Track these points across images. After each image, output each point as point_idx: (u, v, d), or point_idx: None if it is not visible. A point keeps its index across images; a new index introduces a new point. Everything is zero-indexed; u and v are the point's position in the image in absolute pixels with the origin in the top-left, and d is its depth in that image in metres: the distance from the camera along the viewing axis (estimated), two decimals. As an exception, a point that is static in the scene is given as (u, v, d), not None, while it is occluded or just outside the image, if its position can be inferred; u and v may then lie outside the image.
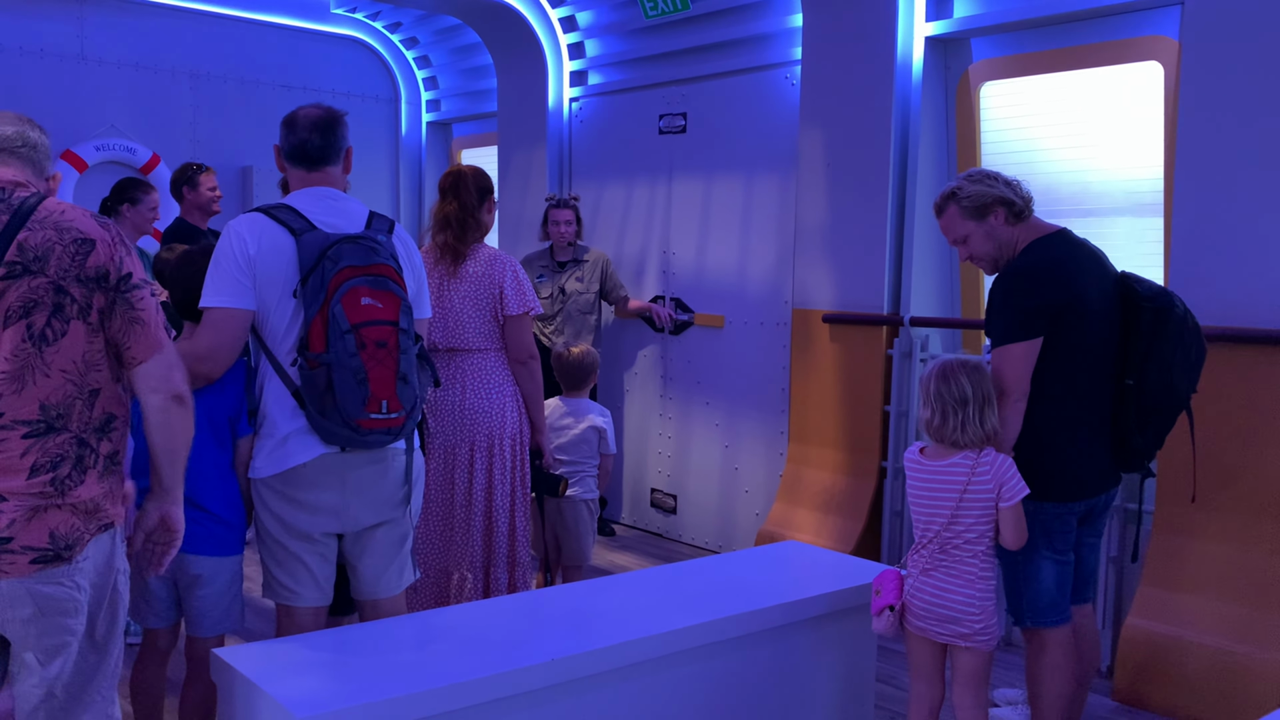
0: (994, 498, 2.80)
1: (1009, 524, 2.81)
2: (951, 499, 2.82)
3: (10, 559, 2.01)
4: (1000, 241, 3.01)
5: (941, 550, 2.85)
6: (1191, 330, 2.92)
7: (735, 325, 5.70)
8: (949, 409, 2.82)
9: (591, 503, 4.26)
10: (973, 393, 2.81)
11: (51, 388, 2.06)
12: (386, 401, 2.62)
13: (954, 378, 2.83)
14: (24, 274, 2.04)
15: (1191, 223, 3.81)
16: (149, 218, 5.08)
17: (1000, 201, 2.97)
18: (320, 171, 2.90)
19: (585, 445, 4.24)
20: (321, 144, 2.89)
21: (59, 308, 2.05)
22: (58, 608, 2.07)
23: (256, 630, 4.24)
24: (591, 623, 2.77)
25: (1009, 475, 2.80)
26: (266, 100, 7.64)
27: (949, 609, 2.83)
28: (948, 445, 2.85)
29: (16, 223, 2.05)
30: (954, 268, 4.95)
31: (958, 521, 2.82)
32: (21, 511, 2.03)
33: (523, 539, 3.83)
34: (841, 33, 4.92)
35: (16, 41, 6.70)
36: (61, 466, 2.07)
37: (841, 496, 4.98)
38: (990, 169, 3.08)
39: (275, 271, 2.70)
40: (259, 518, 2.85)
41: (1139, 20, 4.16)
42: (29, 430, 2.04)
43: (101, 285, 2.09)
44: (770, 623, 2.93)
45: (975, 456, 2.82)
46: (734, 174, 5.68)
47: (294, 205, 2.79)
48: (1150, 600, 3.81)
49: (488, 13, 6.51)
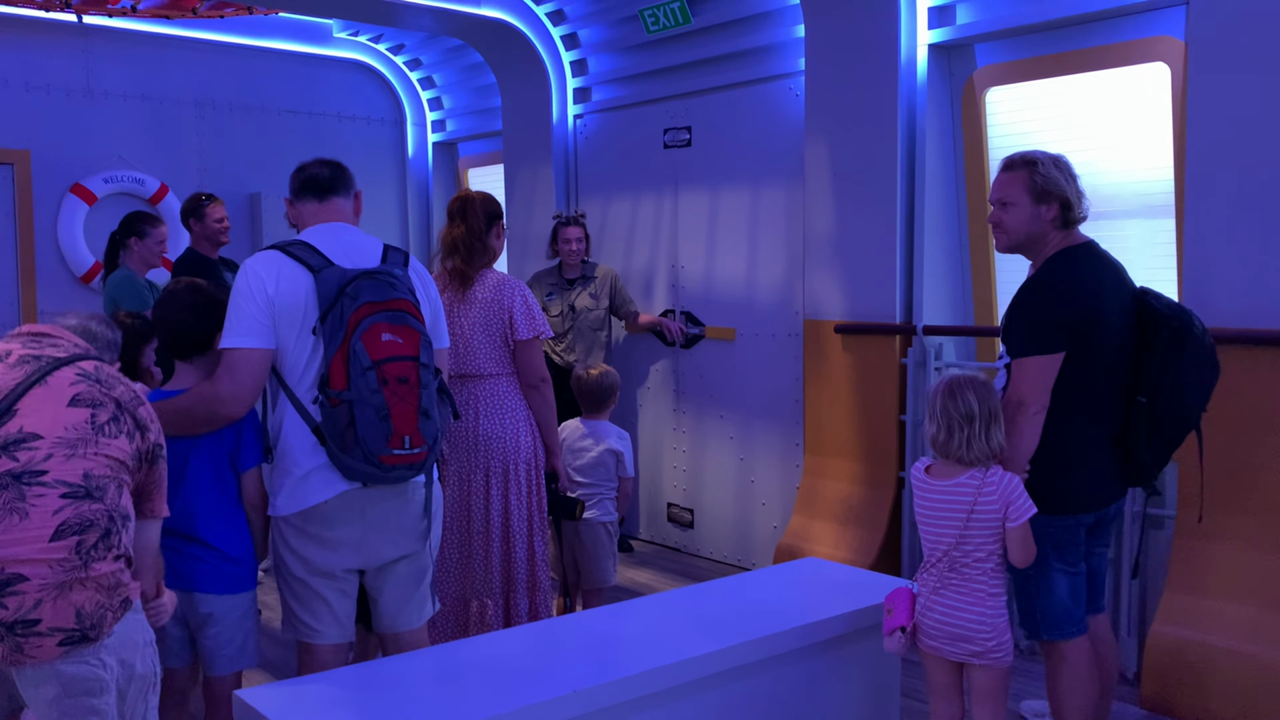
0: (1001, 517, 2.78)
1: (1016, 544, 2.79)
2: (959, 519, 2.80)
3: (38, 642, 2.01)
4: (1035, 233, 2.97)
5: (951, 569, 2.83)
6: (1208, 350, 2.90)
7: (747, 337, 5.69)
8: (955, 425, 2.80)
9: (610, 525, 4.24)
10: (979, 409, 2.79)
11: (97, 464, 2.16)
12: (409, 437, 2.62)
13: (960, 394, 2.81)
14: (94, 382, 2.23)
15: (1204, 224, 3.78)
16: (157, 251, 5.10)
17: (1064, 201, 2.93)
18: (330, 203, 2.90)
19: (602, 468, 4.23)
20: (330, 175, 2.92)
21: (116, 419, 2.22)
22: (83, 688, 2.07)
23: (276, 661, 4.24)
24: (614, 651, 2.76)
25: (1016, 495, 2.77)
26: (272, 127, 7.68)
27: (960, 627, 2.81)
28: (953, 461, 2.84)
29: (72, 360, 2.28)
30: (965, 275, 4.93)
31: (966, 541, 2.80)
32: (47, 589, 2.03)
33: (542, 564, 3.82)
34: (844, 42, 4.91)
35: (23, 77, 6.74)
36: (89, 533, 2.09)
37: (859, 507, 4.95)
38: (1073, 166, 3.03)
39: (294, 309, 2.70)
40: (279, 555, 2.84)
41: (1144, 22, 4.13)
42: (68, 490, 2.08)
43: (143, 432, 2.29)
44: (793, 644, 2.92)
45: (982, 475, 2.80)
46: (740, 186, 5.67)
47: (309, 241, 2.79)
48: (1175, 606, 3.78)
49: (490, 33, 6.52)
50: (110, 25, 6.91)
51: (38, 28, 6.75)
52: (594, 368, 4.46)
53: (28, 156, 6.73)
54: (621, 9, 6.06)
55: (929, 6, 4.74)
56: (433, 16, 6.28)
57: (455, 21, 6.41)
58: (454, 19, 6.34)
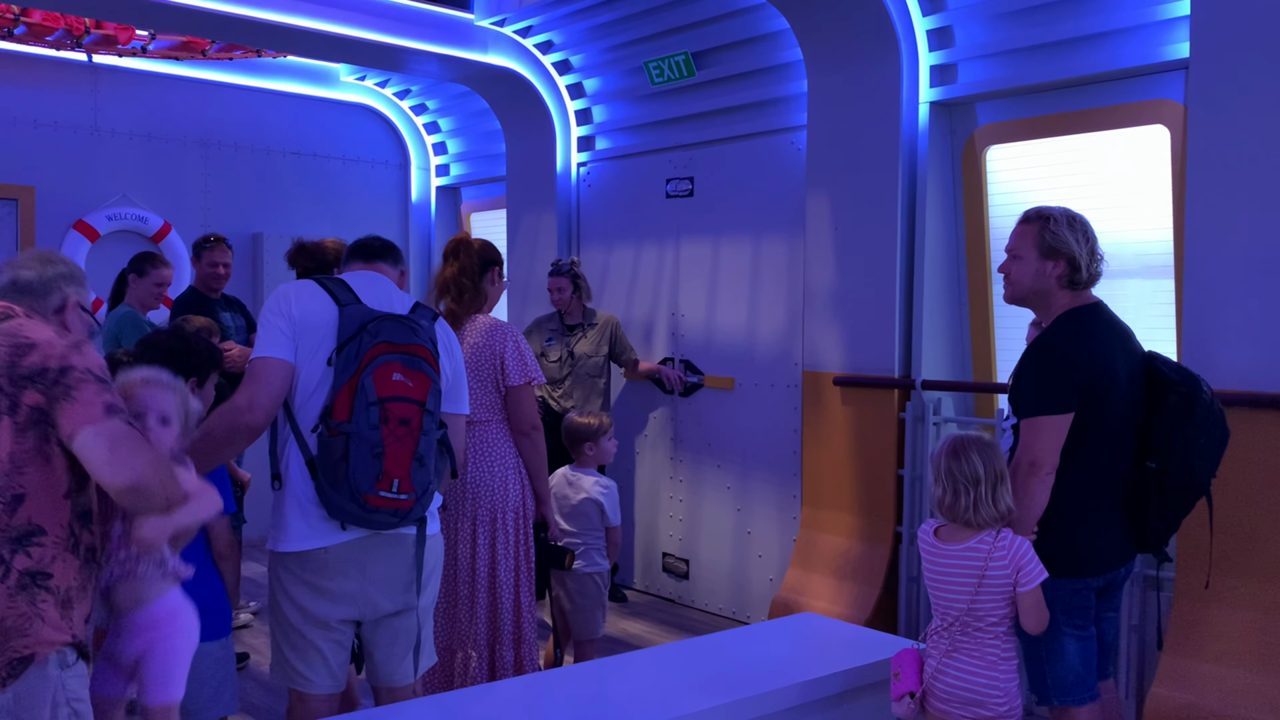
0: (1012, 582, 2.75)
1: (1029, 610, 2.75)
2: (970, 584, 2.77)
3: None
4: (1039, 289, 2.96)
5: (963, 633, 2.80)
6: (1216, 415, 2.88)
7: (745, 387, 5.69)
8: (961, 488, 2.77)
9: (600, 576, 4.19)
10: (985, 471, 2.76)
11: None
12: (399, 481, 2.59)
13: (965, 455, 2.78)
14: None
15: (1203, 284, 3.80)
16: (154, 292, 5.11)
17: (1070, 260, 2.92)
18: (374, 264, 3.00)
19: (584, 518, 4.18)
20: (382, 245, 3.05)
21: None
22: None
23: (264, 706, 4.18)
24: (608, 706, 2.73)
25: (1026, 560, 2.75)
26: (277, 168, 7.73)
27: (974, 692, 2.77)
28: (960, 524, 2.80)
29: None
30: (964, 330, 4.94)
31: (978, 606, 2.77)
32: None
33: (528, 615, 3.76)
34: (846, 98, 4.96)
35: (31, 115, 6.79)
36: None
37: (857, 562, 4.92)
38: (1093, 229, 3.01)
39: (313, 335, 2.72)
40: (275, 599, 2.81)
41: (1144, 84, 4.18)
42: None
43: (36, 381, 1.94)
44: (790, 701, 2.88)
45: (992, 540, 2.77)
46: (741, 237, 5.70)
47: (346, 280, 2.84)
48: (1173, 669, 3.74)
49: (496, 80, 6.59)
50: (119, 65, 6.98)
51: (48, 66, 6.82)
52: (590, 416, 4.42)
53: (32, 192, 6.76)
54: (627, 60, 6.14)
55: (931, 65, 4.79)
56: (439, 63, 6.35)
57: (462, 68, 6.48)
58: (461, 66, 6.41)
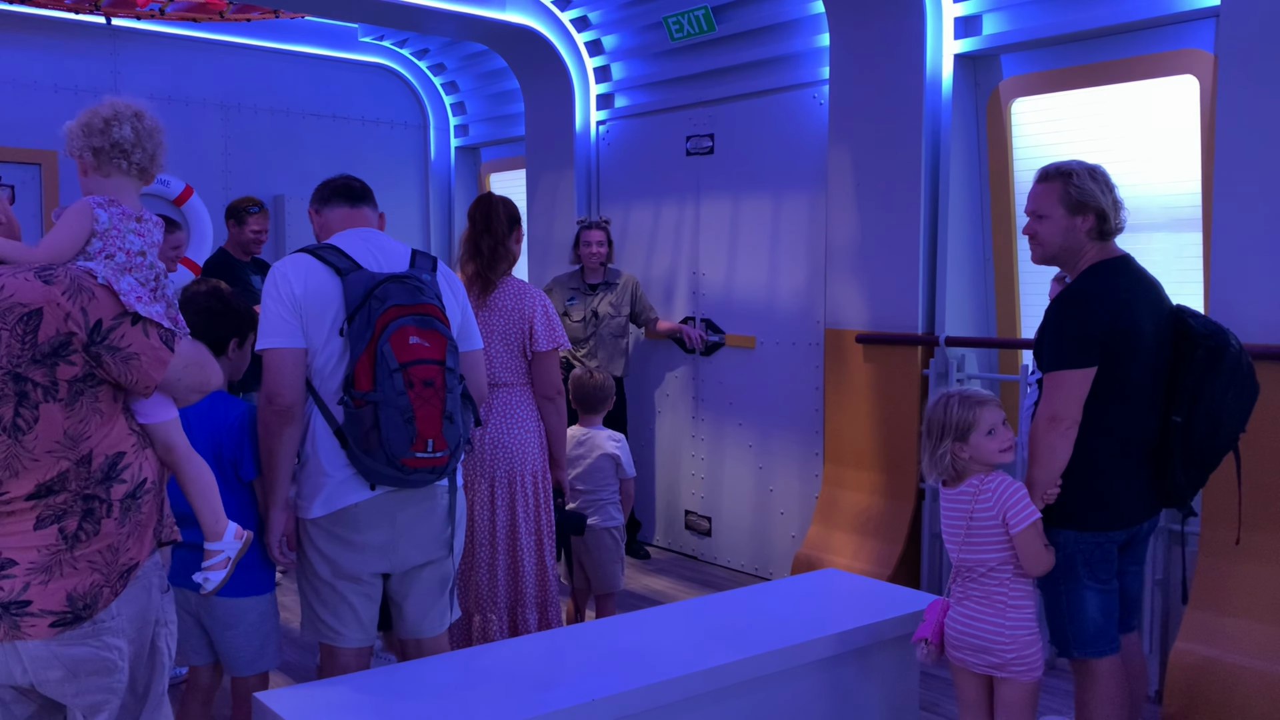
0: (1000, 524, 2.76)
1: (1025, 552, 2.76)
2: (959, 527, 2.81)
3: (31, 621, 1.97)
4: (1069, 246, 2.94)
5: (969, 579, 2.83)
6: (1245, 369, 2.85)
7: (767, 346, 5.68)
8: (929, 441, 2.84)
9: (616, 530, 4.23)
10: (943, 423, 2.81)
11: (43, 470, 1.97)
12: (432, 440, 2.62)
13: (942, 403, 2.85)
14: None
15: (1231, 238, 3.75)
16: (171, 255, 5.13)
17: (1099, 213, 2.90)
18: (360, 211, 2.97)
19: (600, 473, 4.21)
20: (362, 187, 3.02)
21: (24, 396, 1.94)
22: (89, 669, 2.02)
23: (295, 663, 4.25)
24: (634, 659, 2.76)
25: (1012, 500, 2.75)
26: (297, 129, 7.73)
27: (980, 638, 2.80)
28: (929, 478, 2.88)
29: None
30: (989, 286, 4.90)
31: (969, 549, 2.79)
32: (35, 574, 1.97)
33: (551, 579, 3.78)
34: (869, 51, 4.89)
35: (51, 79, 6.80)
36: (67, 520, 1.99)
37: (879, 519, 4.93)
38: (1111, 177, 2.99)
39: (321, 311, 2.73)
40: (305, 557, 2.85)
41: (1172, 34, 4.11)
42: (31, 493, 1.98)
43: (64, 355, 1.95)
44: (813, 656, 2.91)
45: (978, 483, 2.79)
46: (762, 194, 5.67)
47: (339, 245, 2.82)
48: (1198, 624, 3.74)
49: (514, 38, 6.54)
50: (138, 27, 6.97)
51: (67, 29, 6.82)
52: (596, 370, 4.44)
53: (55, 157, 6.79)
54: (646, 16, 6.07)
55: (955, 16, 4.72)
56: (457, 22, 6.30)
57: (480, 27, 6.43)
58: (478, 25, 6.36)
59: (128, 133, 2.16)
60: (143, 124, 2.18)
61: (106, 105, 2.18)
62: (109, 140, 2.15)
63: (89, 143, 2.16)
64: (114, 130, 2.15)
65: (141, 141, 2.18)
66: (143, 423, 2.15)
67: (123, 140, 2.15)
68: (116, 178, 2.18)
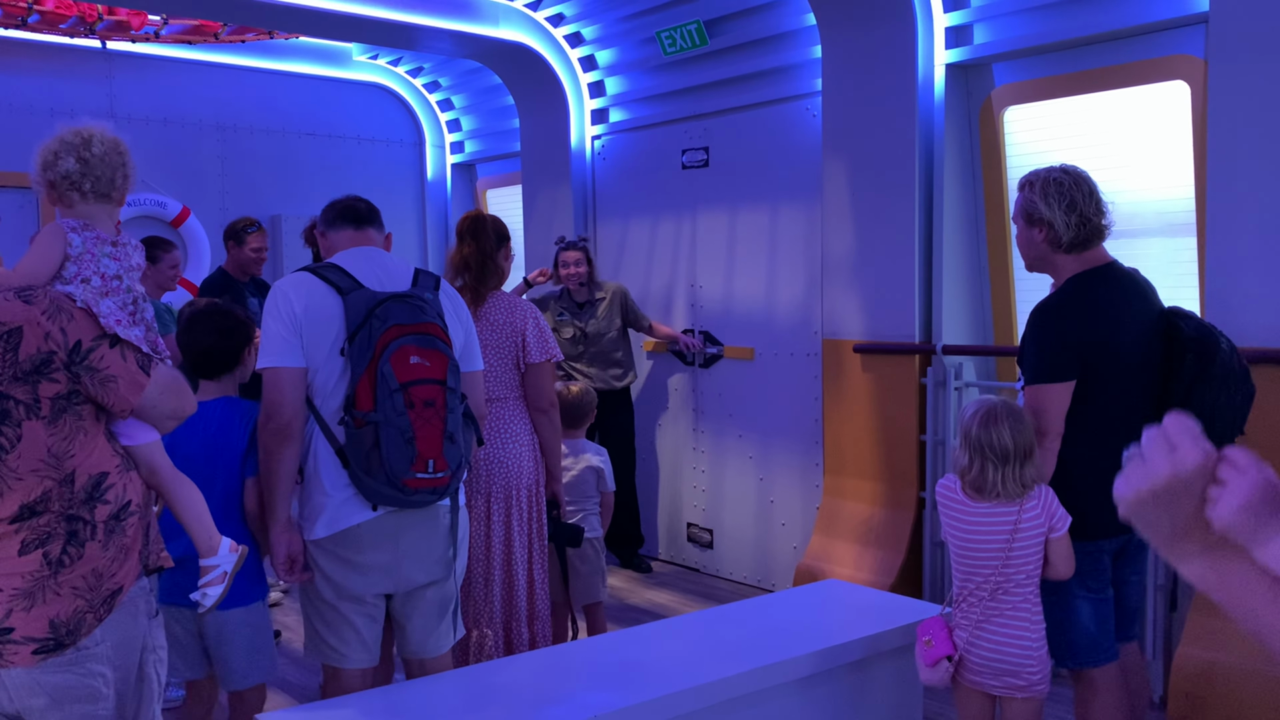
0: (1044, 532, 2.75)
1: (1060, 554, 2.75)
2: (1002, 541, 2.75)
3: (14, 648, 1.96)
4: (1036, 256, 2.95)
5: (993, 596, 2.78)
6: (1238, 372, 2.83)
7: (765, 357, 5.69)
8: (990, 463, 2.72)
9: (597, 540, 4.26)
10: (1014, 446, 2.71)
11: (26, 489, 1.96)
12: (433, 461, 2.62)
13: (995, 427, 2.73)
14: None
15: (1225, 242, 3.76)
16: (169, 275, 5.14)
17: (1049, 225, 2.87)
18: (365, 232, 2.99)
19: (584, 485, 4.24)
20: (368, 208, 3.03)
21: (5, 414, 1.94)
22: (73, 696, 2.00)
23: (298, 683, 4.24)
24: (637, 675, 2.76)
25: (1055, 505, 2.75)
26: (293, 149, 7.75)
27: (1008, 661, 2.76)
28: (987, 498, 2.77)
29: None
30: (985, 294, 4.91)
31: (1010, 564, 2.75)
32: (18, 600, 1.96)
33: (541, 592, 3.77)
34: (861, 62, 4.92)
35: (47, 103, 6.83)
36: (51, 544, 1.98)
37: (880, 528, 4.93)
38: (1092, 184, 2.93)
39: (322, 330, 2.73)
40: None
41: (1162, 40, 4.13)
42: (14, 515, 1.97)
43: (46, 372, 1.96)
44: (816, 668, 2.90)
45: None
46: (758, 206, 5.68)
47: (340, 264, 2.83)
48: (1201, 628, 3.74)
49: (508, 55, 6.57)
50: (133, 50, 7.00)
51: (63, 54, 6.85)
52: (574, 385, 4.45)
53: (52, 181, 6.81)
54: (639, 31, 6.10)
55: (946, 26, 4.74)
56: (451, 40, 6.33)
57: (474, 45, 6.46)
58: (472, 42, 6.39)
59: (72, 165, 2.16)
60: (91, 151, 2.17)
61: (55, 138, 2.19)
62: (57, 174, 2.16)
63: (43, 177, 2.19)
64: (60, 164, 2.16)
65: (91, 170, 2.17)
66: (125, 445, 2.15)
67: (70, 173, 2.15)
68: (80, 205, 2.18)
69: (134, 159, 2.26)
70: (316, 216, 4.41)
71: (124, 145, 2.24)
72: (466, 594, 3.71)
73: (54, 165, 2.17)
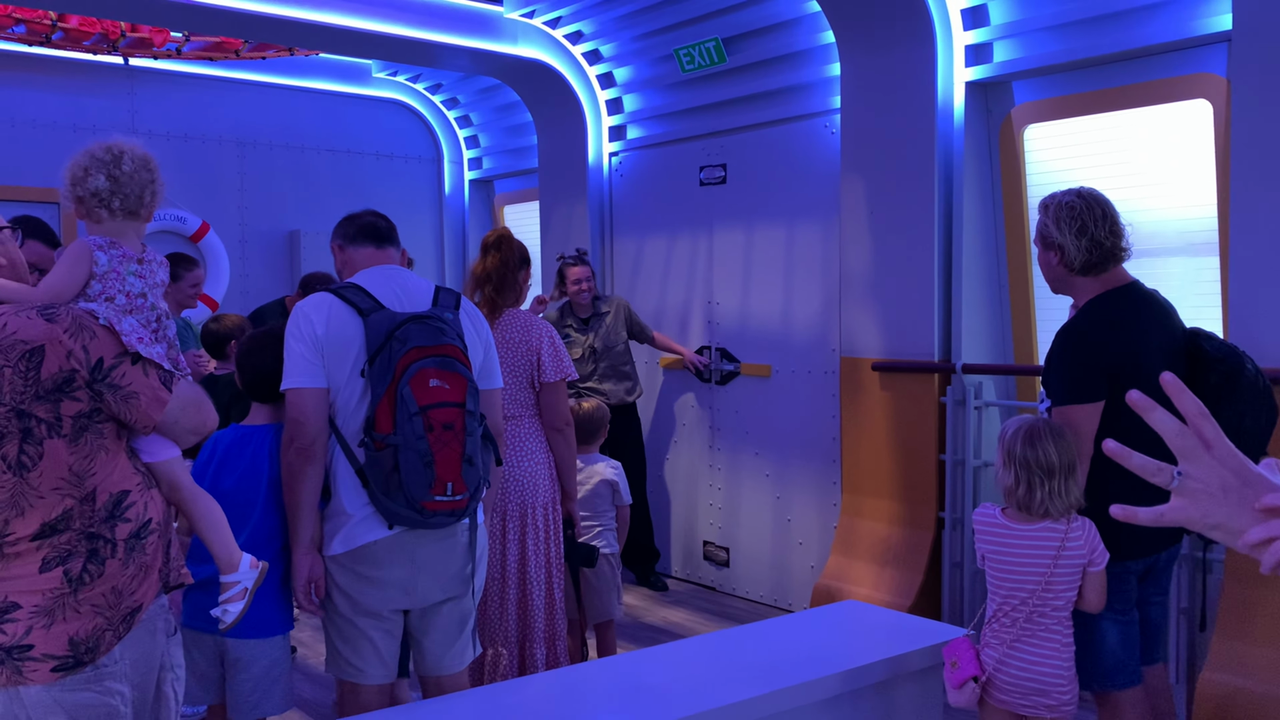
0: (1084, 563, 2.74)
1: (1094, 588, 2.75)
2: (1044, 565, 2.73)
3: (33, 666, 1.95)
4: (1054, 278, 2.96)
5: (1029, 619, 2.76)
6: (1263, 392, 2.82)
7: (783, 374, 5.66)
8: (1036, 480, 2.71)
9: (613, 557, 4.23)
10: (1059, 461, 2.71)
11: (48, 507, 1.97)
12: (452, 484, 2.62)
13: (1040, 444, 2.72)
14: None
15: (1248, 261, 3.73)
16: (190, 293, 5.13)
17: (1060, 248, 2.88)
18: (386, 251, 2.99)
19: (599, 499, 4.22)
20: (388, 226, 3.03)
21: (28, 432, 1.93)
22: (91, 714, 1.99)
23: (314, 700, 4.23)
24: (654, 696, 2.72)
25: (1097, 540, 2.74)
26: (312, 165, 7.79)
27: (1039, 681, 2.75)
28: (1035, 515, 2.76)
29: None
30: (1005, 313, 4.88)
31: (1049, 589, 2.74)
32: (38, 617, 1.96)
33: (560, 613, 3.75)
34: (880, 80, 4.91)
35: (70, 118, 6.89)
36: (71, 561, 1.98)
37: (899, 548, 4.89)
38: (1106, 207, 2.91)
39: (343, 351, 2.73)
40: (327, 594, 2.85)
41: (1184, 59, 4.11)
42: (36, 532, 1.97)
43: (68, 391, 1.96)
44: (832, 691, 2.87)
45: (1066, 520, 2.75)
46: (776, 223, 5.67)
47: (361, 285, 2.83)
48: (1224, 653, 3.69)
49: (526, 73, 6.59)
50: (155, 67, 7.06)
51: (85, 70, 6.91)
52: (587, 401, 4.44)
53: (73, 196, 6.86)
54: (657, 48, 6.11)
55: (966, 44, 4.73)
56: (470, 57, 6.36)
57: (492, 62, 6.48)
58: (491, 59, 6.42)
59: (102, 182, 2.16)
60: (121, 169, 2.18)
61: (85, 154, 2.19)
62: (86, 190, 2.17)
63: (72, 192, 2.19)
64: (90, 180, 2.16)
65: (121, 188, 2.17)
66: (147, 461, 2.15)
67: (99, 190, 2.16)
68: (108, 222, 2.19)
69: (162, 176, 2.27)
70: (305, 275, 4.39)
71: (154, 162, 2.25)
72: (482, 612, 3.70)
73: (83, 181, 2.17)
